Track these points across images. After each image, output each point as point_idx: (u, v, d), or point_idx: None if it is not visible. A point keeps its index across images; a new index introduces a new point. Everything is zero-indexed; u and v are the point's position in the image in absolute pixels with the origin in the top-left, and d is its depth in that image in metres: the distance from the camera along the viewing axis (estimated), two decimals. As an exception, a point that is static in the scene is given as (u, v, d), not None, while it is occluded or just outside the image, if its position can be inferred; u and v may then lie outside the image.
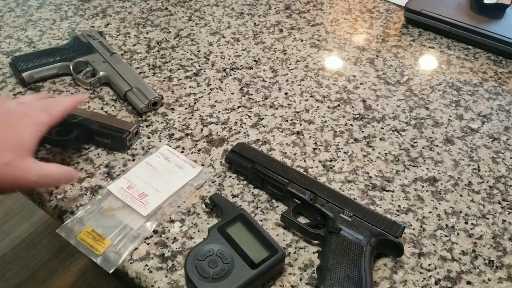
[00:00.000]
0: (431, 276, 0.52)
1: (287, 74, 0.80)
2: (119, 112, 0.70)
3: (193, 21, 0.91)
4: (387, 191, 0.61)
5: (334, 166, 0.64)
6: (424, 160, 0.66)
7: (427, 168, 0.64)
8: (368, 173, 0.63)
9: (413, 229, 0.57)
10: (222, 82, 0.77)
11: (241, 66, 0.81)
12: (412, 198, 0.60)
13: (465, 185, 0.63)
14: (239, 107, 0.73)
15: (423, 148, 0.68)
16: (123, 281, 1.36)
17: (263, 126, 0.70)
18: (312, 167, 0.64)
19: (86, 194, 0.59)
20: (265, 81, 0.78)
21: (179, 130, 0.68)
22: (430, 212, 0.59)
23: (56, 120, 0.54)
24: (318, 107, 0.73)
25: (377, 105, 0.74)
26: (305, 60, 0.83)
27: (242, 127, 0.69)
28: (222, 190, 0.60)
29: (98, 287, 1.42)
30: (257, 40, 0.87)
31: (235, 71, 0.80)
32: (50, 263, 1.47)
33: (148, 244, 0.54)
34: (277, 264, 0.49)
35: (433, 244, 0.55)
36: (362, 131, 0.70)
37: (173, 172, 0.60)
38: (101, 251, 0.52)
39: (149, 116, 0.70)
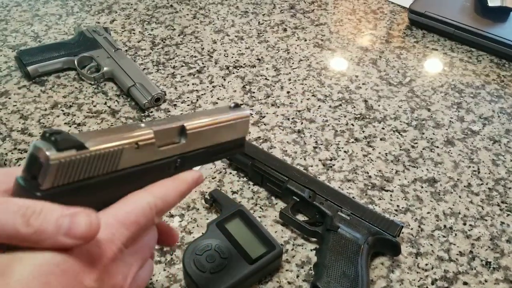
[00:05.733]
0: (428, 276, 0.52)
1: (289, 73, 0.80)
2: (122, 108, 0.71)
3: (198, 19, 0.92)
4: (386, 190, 0.61)
5: (334, 165, 0.64)
6: (424, 161, 0.66)
7: (427, 169, 0.65)
8: (367, 173, 0.63)
9: (411, 229, 0.57)
10: (224, 79, 0.78)
11: (244, 64, 0.81)
12: (411, 198, 0.61)
13: (465, 186, 0.63)
14: (241, 104, 0.73)
15: (423, 149, 0.68)
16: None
17: (264, 124, 0.70)
18: (312, 166, 0.64)
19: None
20: (268, 79, 0.78)
21: (181, 126, 0.68)
22: (428, 213, 0.59)
23: None
24: (319, 106, 0.74)
25: (379, 105, 0.75)
26: (308, 60, 0.83)
27: (244, 124, 0.70)
28: (222, 186, 0.60)
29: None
30: (260, 39, 0.87)
31: (238, 69, 0.80)
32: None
33: (147, 238, 0.54)
34: (275, 260, 0.50)
35: (431, 244, 0.55)
36: (363, 131, 0.70)
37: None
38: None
39: (151, 112, 0.70)
